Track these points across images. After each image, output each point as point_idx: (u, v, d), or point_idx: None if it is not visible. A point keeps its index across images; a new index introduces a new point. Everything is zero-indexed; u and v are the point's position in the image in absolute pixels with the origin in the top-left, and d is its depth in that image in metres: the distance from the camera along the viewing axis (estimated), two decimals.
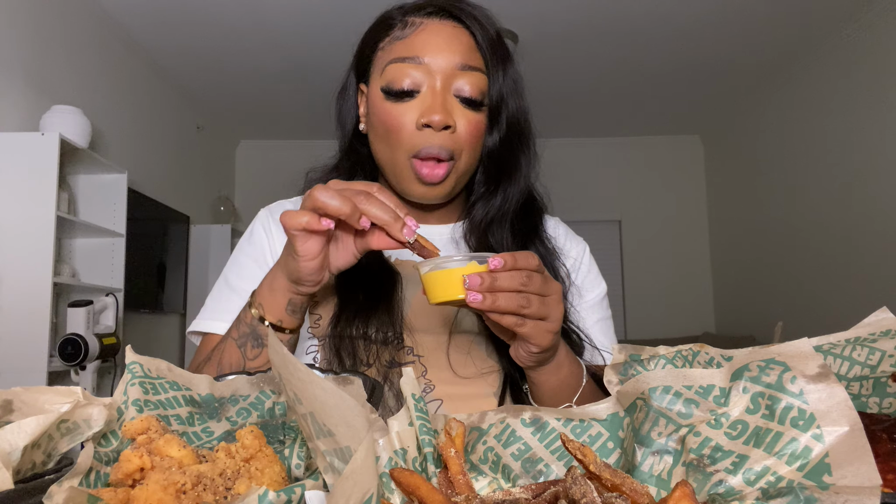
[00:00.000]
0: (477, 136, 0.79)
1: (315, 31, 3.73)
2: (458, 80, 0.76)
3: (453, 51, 0.77)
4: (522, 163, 0.85)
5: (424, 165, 0.76)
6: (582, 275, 0.91)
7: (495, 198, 0.84)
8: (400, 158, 0.77)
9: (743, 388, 0.36)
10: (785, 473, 0.32)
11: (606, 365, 0.52)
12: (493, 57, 0.79)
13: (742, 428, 0.35)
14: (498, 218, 0.84)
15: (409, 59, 0.76)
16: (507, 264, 0.58)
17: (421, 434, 0.42)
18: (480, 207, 0.85)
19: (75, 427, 0.42)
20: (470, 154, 0.79)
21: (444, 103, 0.76)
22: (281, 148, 5.67)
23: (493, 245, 0.84)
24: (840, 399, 0.32)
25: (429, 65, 0.76)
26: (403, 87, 0.76)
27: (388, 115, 0.77)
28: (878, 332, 0.47)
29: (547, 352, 0.65)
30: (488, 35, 0.80)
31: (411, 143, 0.76)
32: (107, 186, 3.15)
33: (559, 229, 0.94)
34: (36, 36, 2.89)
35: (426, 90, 0.76)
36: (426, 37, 0.77)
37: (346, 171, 0.86)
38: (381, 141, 0.79)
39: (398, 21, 0.80)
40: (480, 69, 0.78)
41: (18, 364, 2.47)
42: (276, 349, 0.34)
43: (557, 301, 0.62)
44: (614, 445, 0.43)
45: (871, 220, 3.59)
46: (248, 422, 0.48)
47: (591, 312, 0.88)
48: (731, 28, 3.74)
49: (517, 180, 0.84)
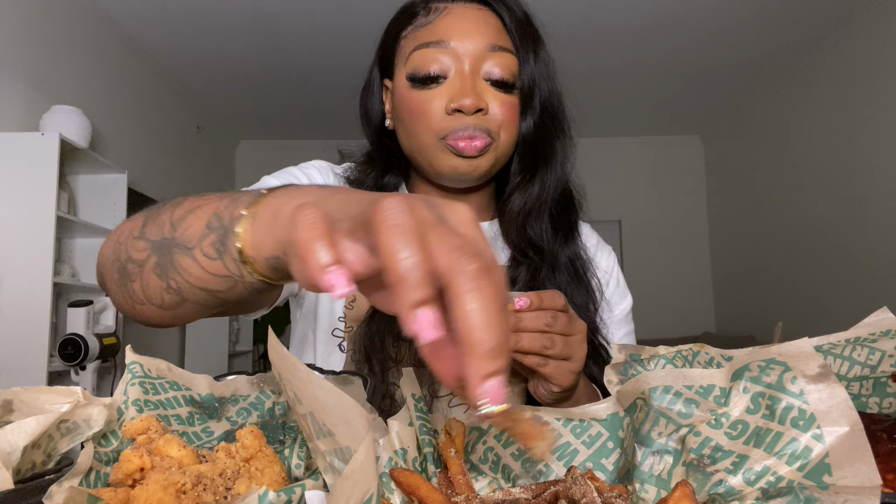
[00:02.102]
0: (512, 117, 0.74)
1: (315, 31, 3.73)
2: (488, 62, 0.73)
3: (481, 33, 0.73)
4: (558, 148, 0.80)
5: (461, 140, 0.71)
6: (612, 288, 0.88)
7: (532, 186, 0.79)
8: (430, 141, 0.73)
9: (743, 388, 0.36)
10: (785, 473, 0.32)
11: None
12: (523, 39, 0.76)
13: (742, 428, 0.35)
14: (536, 208, 0.80)
15: (433, 44, 0.73)
16: (534, 304, 0.57)
17: (421, 434, 0.42)
18: (518, 198, 0.79)
19: (75, 427, 0.42)
20: (508, 133, 0.75)
21: (475, 86, 0.72)
22: (281, 148, 5.67)
23: (533, 238, 0.80)
24: (840, 399, 0.32)
25: (455, 48, 0.72)
26: (430, 72, 0.72)
27: (415, 102, 0.73)
28: (878, 332, 0.47)
29: (568, 391, 0.63)
30: (516, 17, 0.76)
31: (441, 127, 0.72)
32: (107, 186, 3.15)
33: (592, 238, 0.91)
34: (36, 36, 2.89)
35: (454, 75, 0.72)
36: (451, 20, 0.74)
37: (379, 162, 0.83)
38: (409, 131, 0.75)
39: (421, 8, 0.77)
40: (510, 50, 0.74)
41: (18, 364, 2.47)
42: (276, 348, 0.33)
43: (581, 341, 0.61)
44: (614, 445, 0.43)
45: (870, 220, 3.58)
46: (248, 422, 0.48)
47: (618, 327, 0.86)
48: (732, 28, 3.74)
49: (554, 167, 0.80)
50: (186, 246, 0.46)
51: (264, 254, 0.41)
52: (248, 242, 0.42)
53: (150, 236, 0.49)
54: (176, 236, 0.47)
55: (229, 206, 0.45)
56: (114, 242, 0.52)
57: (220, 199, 0.47)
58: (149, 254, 0.48)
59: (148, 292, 0.49)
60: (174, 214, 0.48)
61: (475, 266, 0.28)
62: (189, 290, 0.47)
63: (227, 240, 0.44)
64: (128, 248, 0.50)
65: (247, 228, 0.42)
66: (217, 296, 0.46)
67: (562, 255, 0.82)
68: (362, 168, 0.84)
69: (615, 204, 5.77)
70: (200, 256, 0.45)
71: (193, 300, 0.48)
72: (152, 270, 0.48)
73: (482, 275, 0.28)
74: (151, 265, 0.48)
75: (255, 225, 0.42)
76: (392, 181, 0.83)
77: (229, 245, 0.43)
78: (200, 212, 0.47)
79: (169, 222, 0.48)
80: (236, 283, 0.44)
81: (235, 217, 0.43)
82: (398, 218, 0.30)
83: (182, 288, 0.47)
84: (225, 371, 2.35)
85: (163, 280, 0.48)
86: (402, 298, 0.28)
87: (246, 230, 0.42)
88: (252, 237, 0.42)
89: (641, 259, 5.72)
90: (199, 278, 0.46)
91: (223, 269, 0.44)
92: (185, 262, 0.46)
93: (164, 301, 0.49)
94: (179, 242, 0.46)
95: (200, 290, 0.47)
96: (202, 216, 0.46)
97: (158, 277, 0.48)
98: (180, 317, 0.51)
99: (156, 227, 0.49)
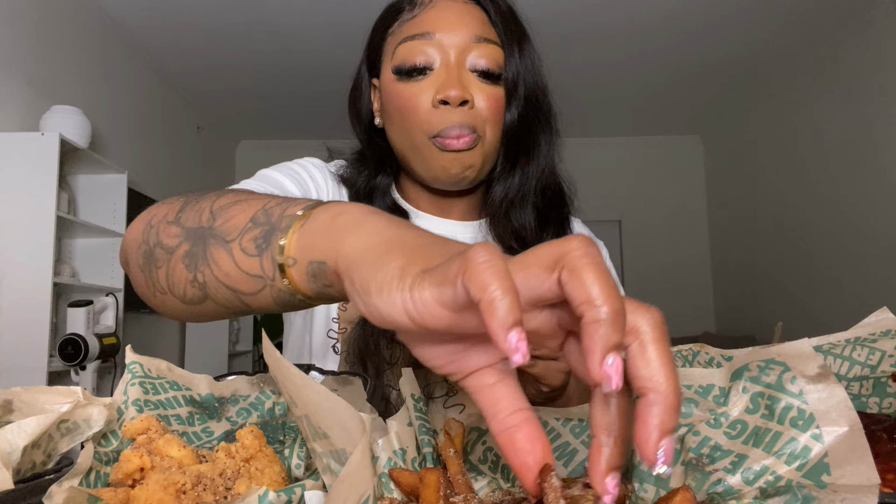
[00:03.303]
0: (497, 110, 0.75)
1: (315, 31, 3.73)
2: (473, 52, 0.74)
3: (466, 24, 0.74)
4: (542, 141, 0.81)
5: (448, 137, 0.72)
6: None
7: (513, 177, 0.80)
8: (419, 139, 0.74)
9: (742, 387, 0.36)
10: (784, 473, 0.32)
11: None
12: (508, 32, 0.76)
13: (741, 427, 0.35)
14: (518, 199, 0.80)
15: (419, 36, 0.74)
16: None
17: (420, 434, 0.42)
18: (499, 188, 0.80)
19: (75, 427, 0.42)
20: (493, 130, 0.75)
21: (461, 78, 0.73)
22: (281, 148, 5.66)
23: (517, 229, 0.80)
24: (840, 399, 0.32)
25: (441, 40, 0.73)
26: (416, 63, 0.73)
27: (402, 96, 0.74)
28: (878, 332, 0.47)
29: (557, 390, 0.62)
30: (501, 10, 0.77)
31: (429, 124, 0.73)
32: (107, 186, 3.15)
33: (584, 232, 0.92)
34: (36, 36, 2.89)
35: (440, 66, 0.73)
36: (436, 13, 0.75)
37: (372, 160, 0.84)
38: (398, 127, 0.76)
39: (406, 4, 0.78)
40: (496, 42, 0.75)
41: (18, 364, 2.47)
42: (270, 352, 0.34)
43: None
44: None
45: (871, 220, 3.58)
46: (248, 422, 0.48)
47: None
48: (731, 28, 3.74)
49: (536, 158, 0.80)
50: (224, 238, 0.44)
51: (311, 256, 0.38)
52: (294, 243, 0.40)
53: (186, 223, 0.47)
54: (215, 226, 0.45)
55: (282, 203, 0.43)
56: (144, 224, 0.50)
57: (271, 197, 0.45)
58: (181, 241, 0.46)
59: (172, 281, 0.47)
60: (216, 203, 0.46)
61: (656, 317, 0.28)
62: (215, 287, 0.45)
63: (272, 237, 0.41)
64: (159, 232, 0.48)
65: (297, 229, 0.40)
66: (241, 298, 0.44)
67: None
68: (355, 167, 0.85)
69: (615, 204, 5.77)
70: (237, 250, 0.43)
71: (216, 299, 0.45)
72: (181, 259, 0.46)
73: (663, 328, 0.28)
74: (181, 253, 0.46)
75: (309, 226, 0.40)
76: (384, 181, 0.84)
77: (273, 243, 0.41)
78: (247, 205, 0.45)
79: (209, 210, 0.46)
80: (265, 287, 0.42)
81: (287, 216, 0.41)
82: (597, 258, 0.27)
83: (208, 283, 0.45)
84: (225, 371, 2.35)
85: (190, 271, 0.45)
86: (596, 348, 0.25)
87: (295, 230, 0.40)
88: (300, 238, 0.40)
89: (641, 259, 5.73)
90: (229, 275, 0.43)
91: (258, 267, 0.42)
92: (219, 254, 0.44)
93: (187, 294, 0.47)
94: (217, 233, 0.44)
95: (227, 288, 0.44)
96: (248, 209, 0.44)
97: (186, 268, 0.46)
98: (199, 314, 0.49)
99: (193, 214, 0.47)
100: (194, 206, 0.47)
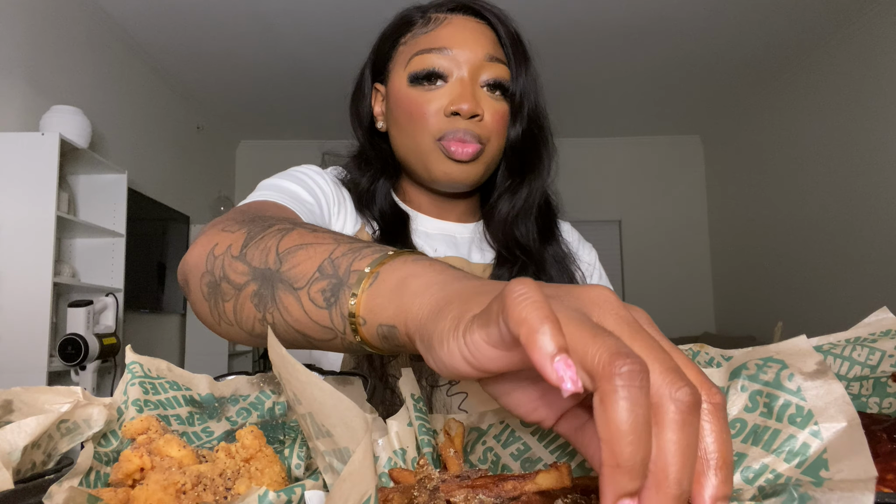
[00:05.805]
0: (503, 124, 0.80)
1: (315, 31, 3.73)
2: (485, 71, 0.78)
3: (480, 43, 0.78)
4: (544, 156, 0.85)
5: (453, 143, 0.76)
6: (595, 279, 0.93)
7: (521, 191, 0.84)
8: (426, 141, 0.77)
9: (741, 386, 0.36)
10: (783, 471, 0.32)
11: None
12: (515, 53, 0.81)
13: (740, 426, 0.35)
14: (524, 213, 0.85)
15: (436, 50, 0.77)
16: None
17: (420, 434, 0.42)
18: (506, 202, 0.85)
19: (75, 427, 0.42)
20: (497, 142, 0.80)
21: (474, 93, 0.77)
22: (281, 148, 5.67)
23: (521, 240, 0.84)
24: (837, 395, 0.32)
25: (456, 56, 0.77)
26: (434, 69, 0.77)
27: (415, 102, 0.77)
28: (878, 332, 0.47)
29: None
30: (509, 32, 0.81)
31: (437, 128, 0.76)
32: (107, 186, 3.15)
33: (573, 234, 0.96)
34: (36, 36, 2.89)
35: (455, 80, 0.77)
36: (452, 30, 0.78)
37: (375, 161, 0.86)
38: (405, 130, 0.79)
39: (419, 18, 0.82)
40: (504, 62, 0.80)
41: (18, 364, 2.47)
42: (276, 349, 0.34)
43: None
44: None
45: (871, 220, 3.58)
46: (248, 422, 0.48)
47: None
48: (731, 28, 3.74)
49: (541, 173, 0.85)
50: (293, 285, 0.43)
51: (380, 320, 0.37)
52: (363, 303, 0.38)
53: (252, 261, 0.46)
54: (282, 271, 0.44)
55: (347, 253, 0.42)
56: (206, 252, 0.50)
57: (335, 241, 0.44)
58: (248, 279, 0.45)
59: (240, 317, 0.47)
60: (281, 244, 0.45)
61: (690, 396, 0.24)
62: (284, 329, 0.44)
63: (339, 292, 0.40)
64: (224, 267, 0.47)
65: (365, 288, 0.39)
66: (311, 342, 0.44)
67: (547, 253, 0.87)
68: (356, 169, 0.87)
69: (615, 204, 5.77)
70: (306, 300, 0.42)
71: (285, 339, 0.44)
72: (249, 298, 0.45)
73: (693, 409, 0.24)
74: (250, 292, 0.45)
75: (377, 287, 0.38)
76: (385, 183, 0.86)
77: (342, 298, 0.40)
78: (312, 250, 0.43)
79: (275, 251, 0.45)
80: (336, 338, 0.41)
81: (354, 271, 0.40)
82: (625, 313, 0.26)
83: (277, 324, 0.44)
84: (225, 371, 2.36)
85: (259, 311, 0.45)
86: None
87: (364, 290, 0.39)
88: (369, 300, 0.38)
89: (641, 259, 5.73)
90: (299, 321, 0.42)
91: (328, 320, 0.41)
92: (289, 300, 0.43)
93: (255, 330, 0.46)
94: (285, 279, 0.43)
95: (297, 332, 0.43)
96: (314, 256, 0.43)
97: (255, 307, 0.45)
98: (265, 345, 0.47)
99: (259, 254, 0.46)
100: (259, 242, 0.47)
